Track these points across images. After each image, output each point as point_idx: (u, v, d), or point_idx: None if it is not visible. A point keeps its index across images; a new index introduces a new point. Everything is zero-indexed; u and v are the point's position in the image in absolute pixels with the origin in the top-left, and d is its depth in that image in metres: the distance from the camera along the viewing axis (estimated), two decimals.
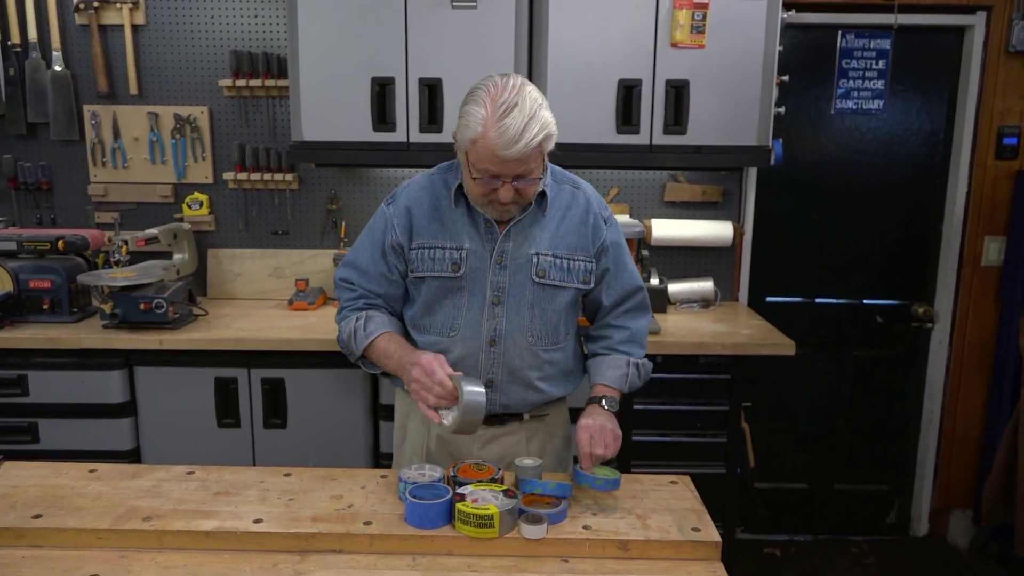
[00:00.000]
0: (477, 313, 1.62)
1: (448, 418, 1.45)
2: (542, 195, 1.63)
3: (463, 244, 1.61)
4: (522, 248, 1.62)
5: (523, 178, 1.48)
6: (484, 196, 1.53)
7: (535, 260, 1.62)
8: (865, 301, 3.23)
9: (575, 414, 1.90)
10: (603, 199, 1.76)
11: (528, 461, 1.50)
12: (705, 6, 2.49)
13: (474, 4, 2.48)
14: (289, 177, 2.97)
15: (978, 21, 2.93)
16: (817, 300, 3.23)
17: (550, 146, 1.49)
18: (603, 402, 1.65)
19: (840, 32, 3.00)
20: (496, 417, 1.70)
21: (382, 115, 2.55)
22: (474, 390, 1.41)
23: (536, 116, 1.43)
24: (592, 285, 1.70)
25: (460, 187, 1.61)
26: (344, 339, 1.69)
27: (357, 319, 1.67)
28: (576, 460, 1.55)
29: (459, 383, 1.42)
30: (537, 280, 1.62)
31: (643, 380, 1.77)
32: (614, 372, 1.71)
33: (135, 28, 2.91)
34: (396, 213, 1.66)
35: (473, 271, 1.61)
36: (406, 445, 1.81)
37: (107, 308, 2.47)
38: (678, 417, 2.55)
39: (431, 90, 2.53)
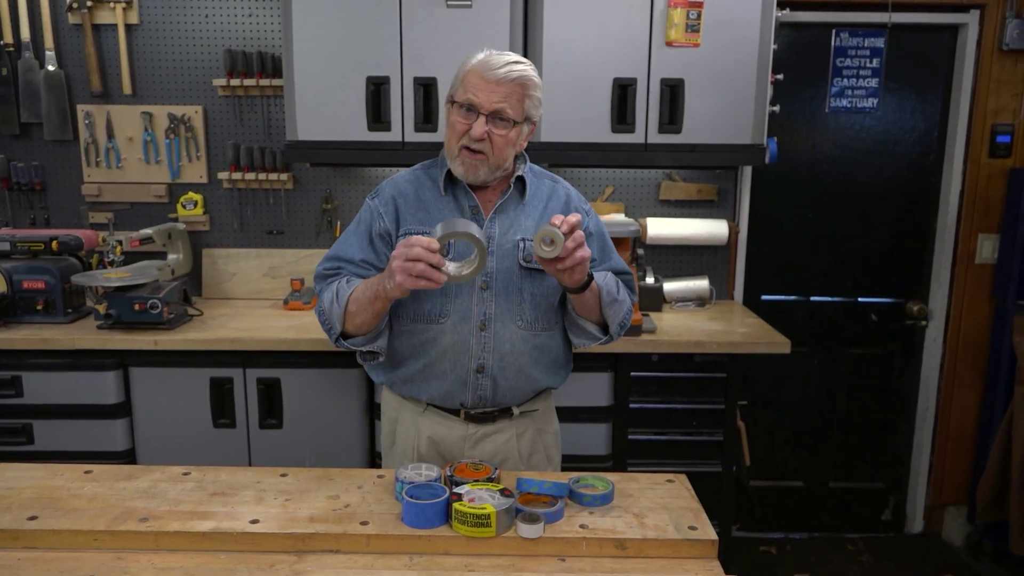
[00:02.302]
0: (466, 298, 1.63)
1: (452, 267, 1.45)
2: (522, 181, 1.68)
3: None
4: (508, 234, 1.65)
5: (498, 117, 1.54)
6: (460, 137, 1.56)
7: (521, 245, 1.64)
8: (860, 299, 3.24)
9: (563, 412, 1.92)
10: (582, 195, 1.80)
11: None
12: (700, 5, 2.49)
13: (469, 3, 2.48)
14: (284, 177, 2.96)
15: (971, 19, 2.94)
16: (812, 298, 3.24)
17: (532, 94, 1.58)
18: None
19: (834, 31, 3.01)
20: (486, 415, 1.70)
21: (377, 114, 2.55)
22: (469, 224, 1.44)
23: (524, 61, 1.57)
24: None
25: (448, 175, 1.65)
26: (326, 306, 1.61)
27: (340, 280, 1.63)
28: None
29: (450, 229, 1.42)
30: (524, 264, 1.64)
31: (621, 307, 1.68)
32: (597, 275, 1.65)
33: (128, 28, 2.90)
34: (382, 203, 1.68)
35: (460, 257, 1.61)
36: (396, 448, 1.81)
37: (101, 309, 2.46)
38: (674, 415, 2.55)
39: (426, 89, 2.53)
